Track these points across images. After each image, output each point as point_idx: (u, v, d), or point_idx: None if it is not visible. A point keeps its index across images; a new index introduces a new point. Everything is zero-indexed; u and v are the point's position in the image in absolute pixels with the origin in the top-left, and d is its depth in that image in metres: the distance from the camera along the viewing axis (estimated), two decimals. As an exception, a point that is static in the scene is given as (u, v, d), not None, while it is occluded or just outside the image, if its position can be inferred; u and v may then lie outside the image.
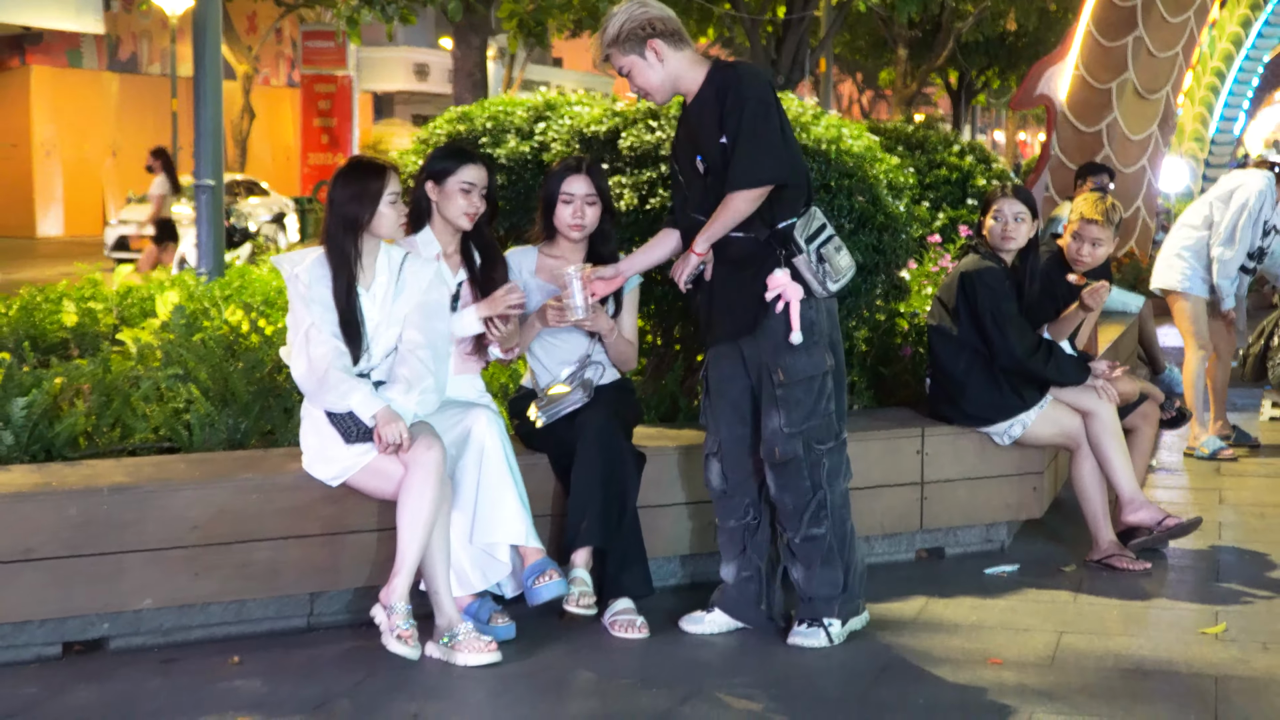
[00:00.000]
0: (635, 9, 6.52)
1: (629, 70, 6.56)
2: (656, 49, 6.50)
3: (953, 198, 13.16)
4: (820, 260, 6.49)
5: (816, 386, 6.54)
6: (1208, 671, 6.32)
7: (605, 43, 6.56)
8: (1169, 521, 8.06)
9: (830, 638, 6.60)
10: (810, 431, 6.54)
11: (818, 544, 6.61)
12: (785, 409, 6.52)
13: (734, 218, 6.40)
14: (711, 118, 6.44)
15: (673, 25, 6.54)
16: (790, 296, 6.44)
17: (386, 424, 6.27)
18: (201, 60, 12.25)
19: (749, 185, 6.35)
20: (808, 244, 6.48)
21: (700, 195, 6.57)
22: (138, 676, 6.09)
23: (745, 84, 6.42)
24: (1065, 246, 8.57)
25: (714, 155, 6.45)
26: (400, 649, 6.19)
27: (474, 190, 6.86)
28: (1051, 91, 18.34)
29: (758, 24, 26.77)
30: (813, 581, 6.64)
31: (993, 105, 68.51)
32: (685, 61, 6.54)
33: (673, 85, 6.57)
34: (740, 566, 6.79)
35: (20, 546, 6.03)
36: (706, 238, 6.45)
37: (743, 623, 6.80)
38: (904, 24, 38.58)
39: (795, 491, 6.58)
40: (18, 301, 9.61)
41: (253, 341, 7.87)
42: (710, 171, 6.49)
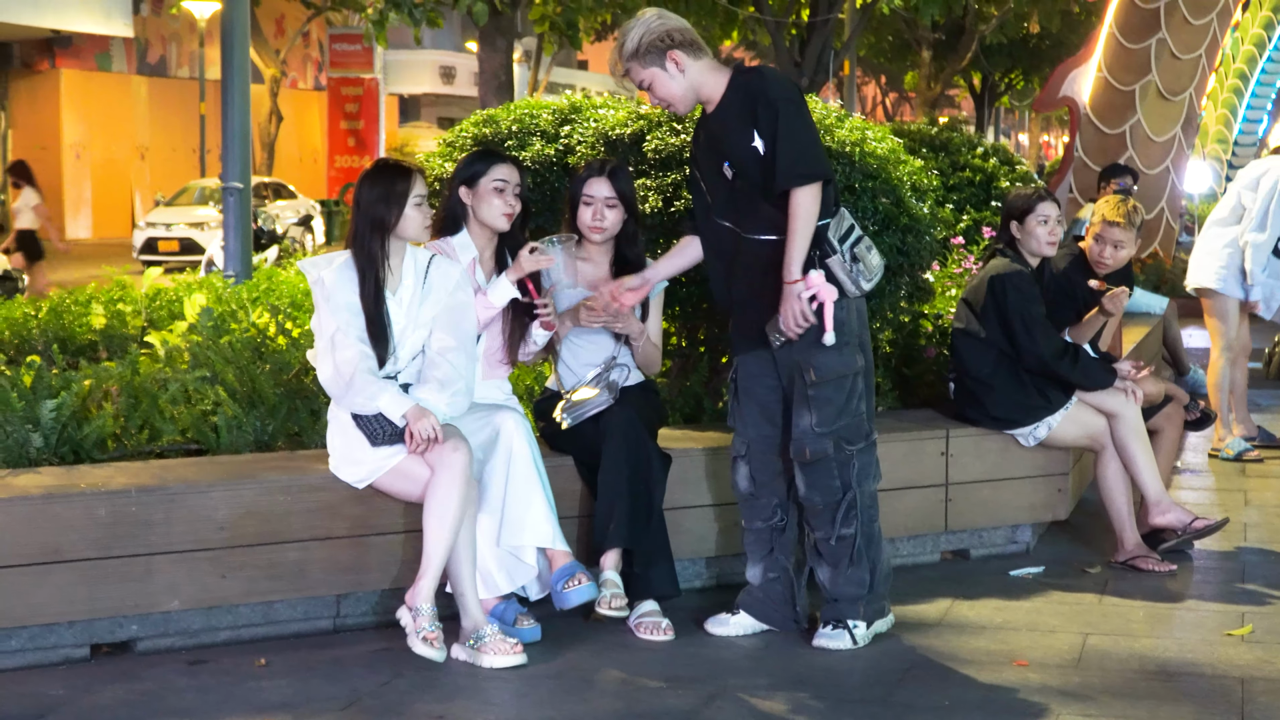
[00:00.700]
0: (653, 21, 6.54)
1: (650, 83, 6.57)
2: (677, 60, 6.51)
3: (976, 200, 13.15)
4: (854, 260, 6.50)
5: (847, 386, 6.55)
6: (1233, 673, 6.32)
7: (625, 57, 6.57)
8: (1197, 523, 8.05)
9: (855, 639, 6.61)
10: (841, 431, 6.55)
11: (846, 544, 6.61)
12: (816, 408, 6.52)
13: (808, 219, 6.37)
14: (740, 123, 6.45)
15: (690, 35, 6.55)
16: (825, 297, 6.43)
17: (418, 420, 6.29)
18: (229, 63, 12.30)
19: (805, 180, 6.34)
20: (840, 244, 6.49)
21: (727, 201, 6.57)
22: (165, 677, 6.12)
23: (774, 86, 6.44)
24: (1087, 249, 8.58)
25: (744, 160, 6.45)
26: (426, 651, 6.21)
27: (508, 188, 6.88)
28: (1075, 93, 18.33)
29: (782, 27, 26.77)
30: (839, 581, 6.64)
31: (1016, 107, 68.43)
32: (705, 70, 6.55)
33: (694, 95, 6.58)
34: (767, 568, 6.80)
35: (49, 548, 6.06)
36: (795, 255, 6.38)
37: (768, 625, 6.80)
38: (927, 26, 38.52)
39: (825, 491, 6.58)
40: (47, 304, 9.67)
41: (280, 344, 7.91)
42: (739, 176, 6.49)
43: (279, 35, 48.04)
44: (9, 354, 8.54)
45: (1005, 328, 7.84)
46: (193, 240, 31.48)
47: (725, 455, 7.28)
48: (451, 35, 56.79)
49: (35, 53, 42.76)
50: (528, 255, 6.75)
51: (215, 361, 7.58)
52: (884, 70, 57.84)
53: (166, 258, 30.30)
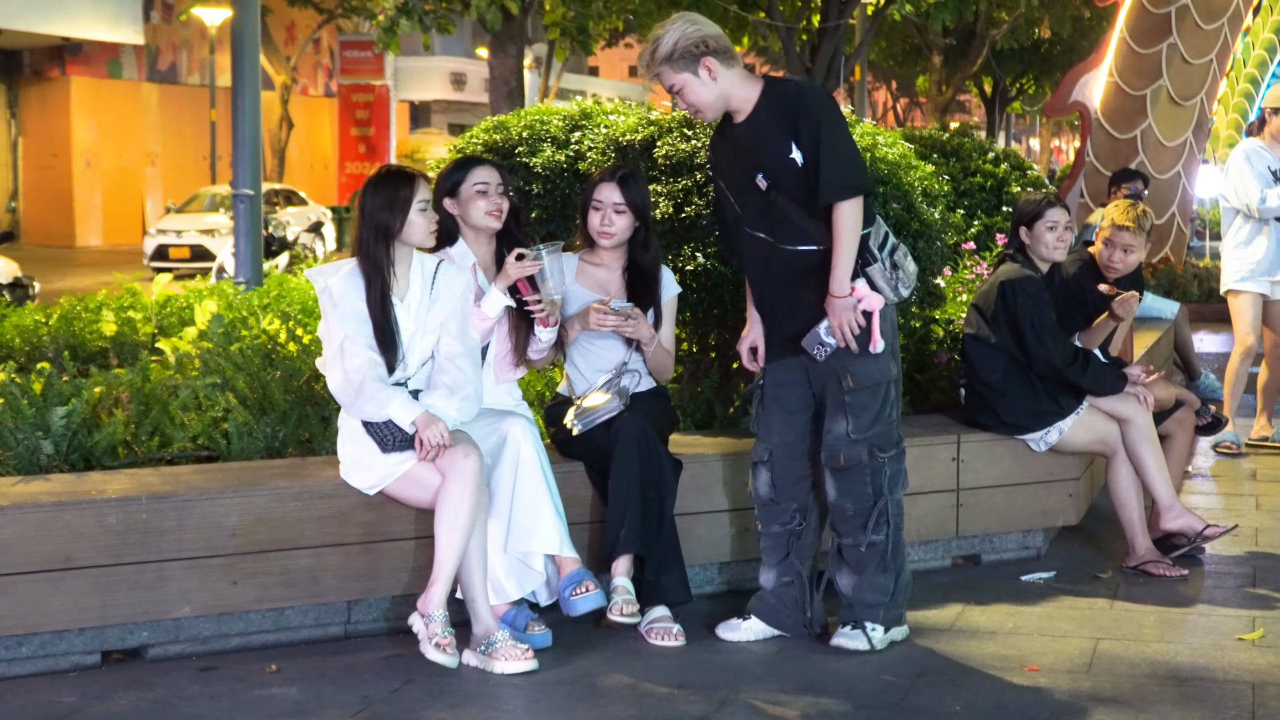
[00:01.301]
0: (688, 27, 6.49)
1: (680, 88, 6.53)
2: (710, 67, 6.47)
3: (987, 205, 13.14)
4: (894, 267, 6.52)
5: (882, 393, 6.57)
6: (1244, 678, 6.31)
7: (658, 60, 6.52)
8: (1209, 531, 8.05)
9: (872, 642, 6.60)
10: (874, 438, 6.55)
11: (875, 550, 6.61)
12: (852, 415, 6.53)
13: (853, 233, 6.38)
14: (777, 135, 6.43)
15: (724, 43, 6.52)
16: (873, 306, 6.45)
17: (427, 427, 6.29)
18: (240, 70, 12.32)
19: (850, 194, 6.34)
20: (880, 251, 6.50)
21: (760, 212, 6.54)
22: (176, 684, 6.12)
23: (813, 100, 6.43)
24: (1097, 253, 8.57)
25: (780, 172, 6.43)
26: (438, 657, 6.21)
27: (490, 188, 6.89)
28: (1086, 98, 18.31)
29: (793, 32, 26.79)
30: (862, 588, 6.64)
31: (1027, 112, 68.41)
32: (736, 79, 6.53)
33: (723, 103, 6.55)
34: (781, 572, 6.79)
35: (61, 555, 6.07)
36: (843, 271, 6.39)
37: (779, 630, 6.80)
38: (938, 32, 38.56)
39: (856, 498, 6.58)
40: (57, 311, 9.69)
41: (290, 350, 7.91)
42: (774, 187, 6.47)
43: (289, 42, 48.14)
44: (20, 361, 8.56)
45: (1015, 333, 7.83)
46: (203, 247, 31.51)
47: (737, 461, 7.29)
48: (462, 41, 56.86)
49: (46, 60, 42.86)
50: (514, 262, 6.76)
51: (226, 368, 7.58)
52: (895, 75, 57.85)
53: (177, 264, 30.36)
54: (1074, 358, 7.87)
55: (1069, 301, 8.32)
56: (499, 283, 6.80)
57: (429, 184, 6.64)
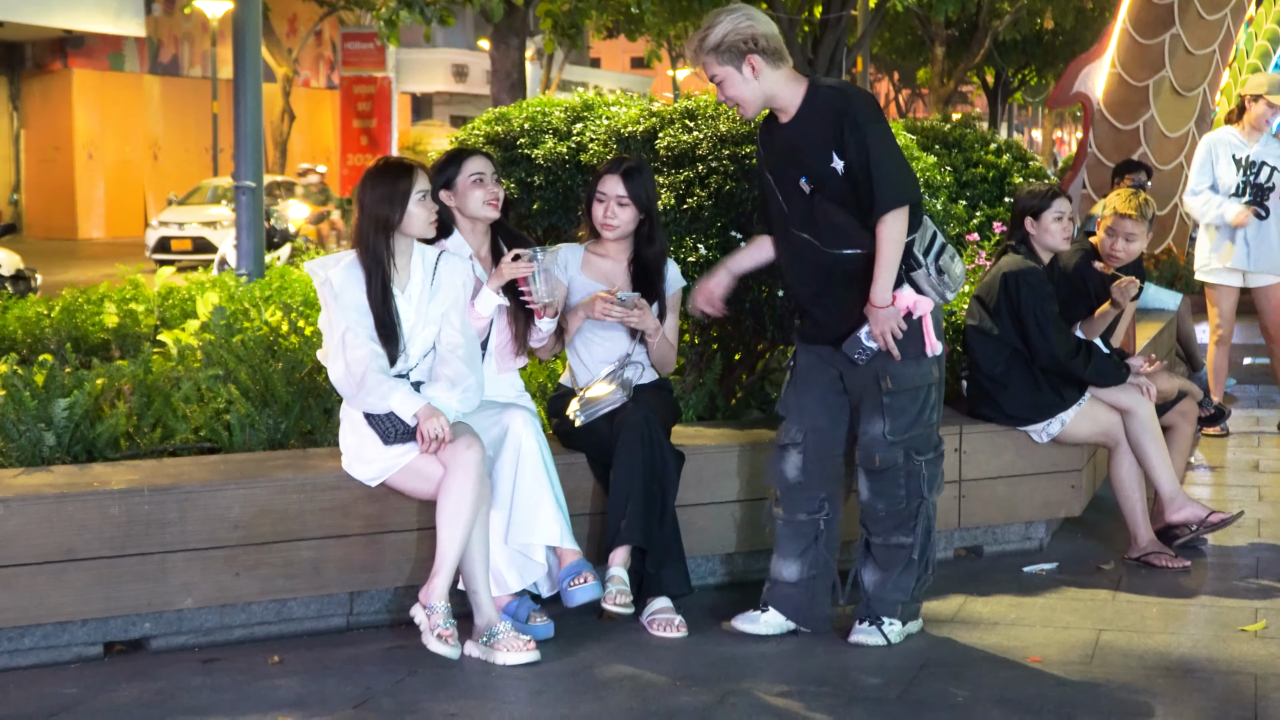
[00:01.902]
0: (741, 21, 6.40)
1: (722, 80, 6.45)
2: (754, 65, 6.39)
3: (989, 196, 13.16)
4: (939, 273, 6.48)
5: (922, 396, 6.54)
6: (1247, 669, 6.31)
7: (705, 49, 6.44)
8: (1212, 518, 8.05)
9: (889, 638, 6.58)
10: (912, 441, 6.53)
11: (903, 551, 6.59)
12: (890, 416, 6.50)
13: (897, 245, 6.34)
14: (819, 140, 6.38)
15: (775, 43, 6.43)
16: (923, 310, 6.43)
17: (428, 420, 6.29)
18: (241, 63, 12.31)
19: (897, 205, 6.31)
20: (925, 256, 6.46)
21: (804, 214, 6.50)
22: (179, 676, 6.12)
23: (860, 108, 6.37)
24: (1099, 242, 8.57)
25: (822, 177, 6.39)
26: (441, 648, 6.21)
27: (485, 178, 6.90)
28: (1088, 89, 18.30)
29: (795, 23, 26.75)
30: (886, 586, 6.62)
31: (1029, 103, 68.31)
32: (781, 80, 6.45)
33: (765, 101, 6.49)
34: (807, 565, 6.70)
35: (63, 547, 6.07)
36: (885, 282, 6.36)
37: (799, 624, 6.73)
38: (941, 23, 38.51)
39: (890, 499, 6.56)
40: (60, 303, 9.70)
41: (292, 342, 7.91)
42: (817, 192, 6.43)
43: (291, 34, 48.12)
44: (22, 353, 8.56)
45: (1018, 325, 7.82)
46: (205, 239, 31.51)
47: (739, 453, 7.28)
48: (464, 33, 56.80)
49: (48, 53, 42.85)
50: (509, 262, 6.76)
51: (228, 360, 7.58)
52: (897, 67, 57.78)
53: (179, 257, 30.34)
54: (1076, 350, 7.86)
55: (1071, 292, 8.31)
56: (492, 281, 6.80)
57: (427, 174, 6.64)
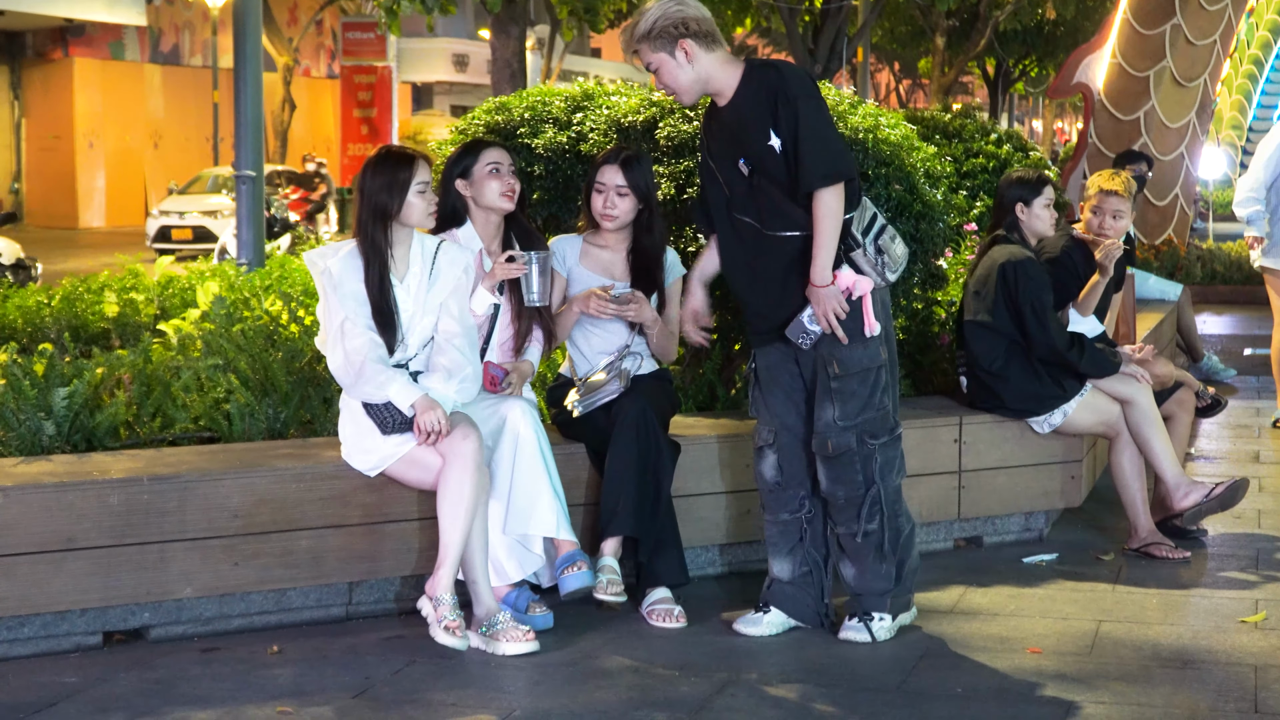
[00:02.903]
0: (671, 6, 6.39)
1: (657, 67, 6.45)
2: (687, 49, 6.37)
3: (990, 186, 13.11)
4: (879, 252, 6.44)
5: (871, 379, 6.49)
6: (1247, 660, 6.31)
7: (636, 37, 6.44)
8: (1218, 490, 8.04)
9: (874, 634, 6.54)
10: (864, 425, 6.48)
11: (870, 540, 6.54)
12: (840, 401, 6.46)
13: (834, 221, 6.30)
14: (755, 120, 6.36)
15: (707, 26, 6.42)
16: (862, 290, 6.38)
17: (425, 412, 6.29)
18: (242, 52, 12.32)
19: (830, 181, 6.26)
20: (864, 236, 6.42)
21: (745, 196, 6.48)
22: (178, 665, 6.12)
23: (791, 83, 6.33)
24: (1085, 224, 8.58)
25: (761, 157, 6.36)
26: (449, 640, 6.20)
27: (503, 168, 6.90)
28: (1089, 80, 18.30)
29: (795, 13, 26.75)
30: (864, 577, 6.58)
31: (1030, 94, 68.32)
32: (717, 63, 6.43)
33: (702, 86, 6.47)
34: (799, 562, 6.68)
35: (63, 536, 6.07)
36: (824, 260, 6.31)
37: (800, 621, 6.70)
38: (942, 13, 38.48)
39: (848, 485, 6.53)
40: (60, 292, 9.70)
41: (292, 331, 7.91)
42: (757, 173, 6.41)
43: (292, 23, 48.08)
44: (22, 342, 8.56)
45: (1015, 316, 7.81)
46: (206, 228, 31.49)
47: (738, 443, 7.28)
48: (464, 23, 56.78)
49: (48, 42, 42.83)
50: (502, 263, 6.77)
51: (228, 349, 7.58)
52: (898, 57, 57.78)
53: (180, 246, 30.36)
54: (1071, 343, 7.86)
55: (1062, 275, 8.30)
56: (486, 280, 6.81)
57: (429, 165, 6.63)
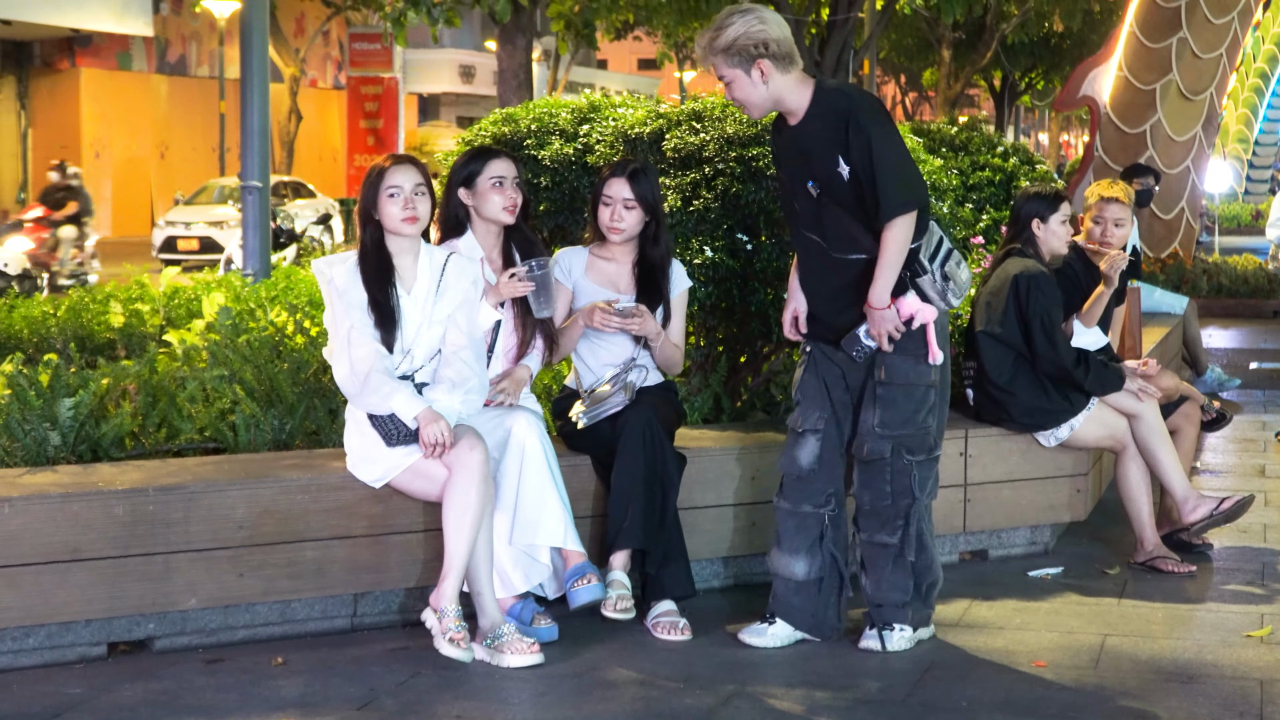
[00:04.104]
0: (754, 24, 6.33)
1: (730, 81, 6.41)
2: (764, 69, 6.34)
3: (996, 199, 13.14)
4: (945, 279, 6.42)
5: (917, 396, 6.49)
6: (1253, 675, 6.30)
7: (715, 49, 6.38)
8: (1226, 504, 8.03)
9: (884, 643, 6.53)
10: (902, 439, 6.48)
11: (886, 551, 6.54)
12: (881, 408, 6.47)
13: (900, 249, 6.30)
14: (825, 144, 6.33)
15: (786, 47, 6.37)
16: (926, 318, 6.39)
17: (429, 424, 6.29)
18: (249, 62, 12.34)
19: (903, 211, 6.26)
20: (931, 263, 6.41)
21: (812, 215, 6.47)
22: (183, 676, 6.12)
23: (862, 109, 6.32)
24: (1086, 234, 8.58)
25: (829, 181, 6.35)
26: (453, 652, 6.20)
27: (506, 182, 6.89)
28: (1095, 92, 18.31)
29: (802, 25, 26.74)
30: (880, 587, 6.58)
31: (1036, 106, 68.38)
32: (791, 83, 6.39)
33: (773, 104, 6.45)
34: (815, 565, 6.64)
35: (68, 546, 6.07)
36: (884, 284, 6.32)
37: (808, 633, 6.67)
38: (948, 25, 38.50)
39: (875, 493, 6.53)
40: (65, 302, 9.71)
41: (298, 342, 7.91)
42: (825, 194, 6.39)
43: (299, 34, 48.13)
44: (27, 352, 8.56)
45: (1024, 329, 7.80)
46: (212, 239, 31.51)
47: (744, 455, 7.28)
48: (471, 34, 56.85)
49: (56, 52, 42.86)
50: (506, 280, 6.78)
51: (233, 360, 7.58)
52: (904, 69, 57.77)
53: (186, 256, 30.35)
54: (1077, 361, 7.85)
55: (1067, 288, 8.30)
56: (490, 296, 6.82)
57: (415, 169, 6.60)
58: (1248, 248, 24.57)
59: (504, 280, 6.80)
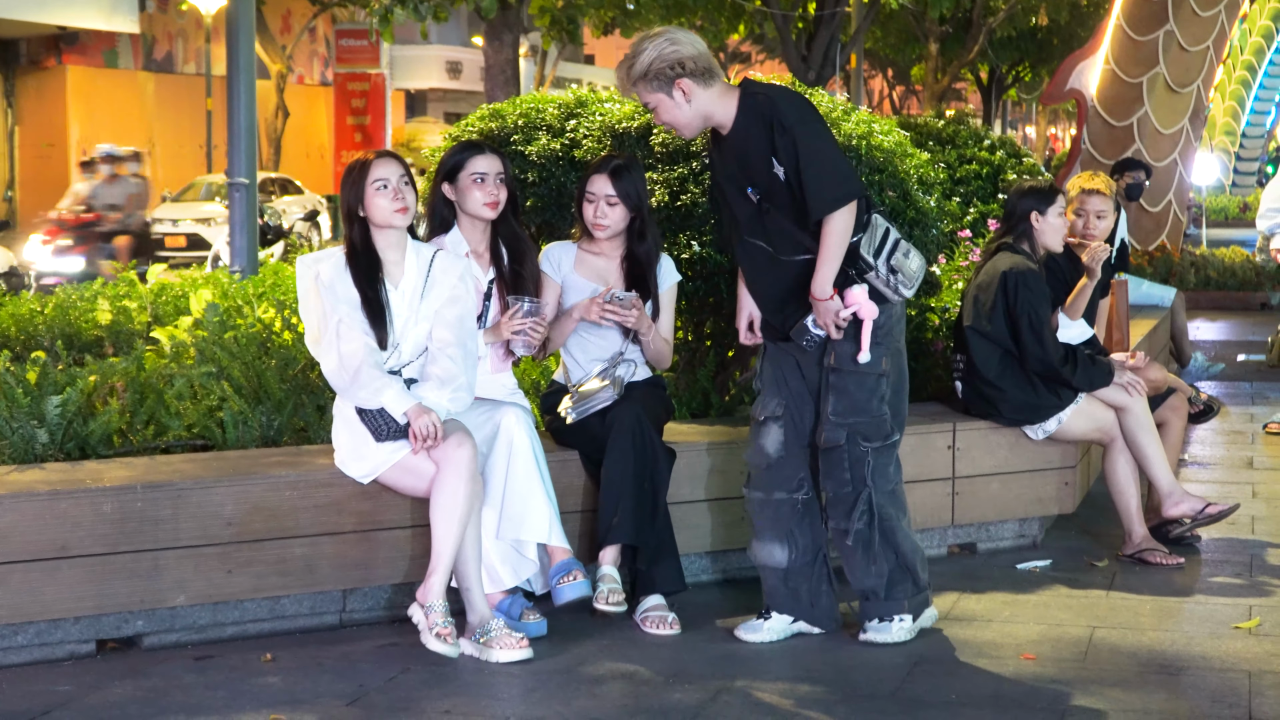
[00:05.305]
0: (665, 46, 6.33)
1: (655, 106, 6.42)
2: (685, 89, 6.33)
3: (983, 193, 13.16)
4: (892, 271, 6.41)
5: (869, 384, 6.48)
6: (1241, 666, 6.31)
7: (633, 78, 6.39)
8: (1210, 509, 8.05)
9: (894, 634, 6.55)
10: (857, 426, 6.48)
11: (858, 539, 6.54)
12: (834, 395, 6.47)
13: (840, 241, 6.29)
14: (757, 148, 6.33)
15: (703, 63, 6.35)
16: (866, 315, 6.37)
17: (419, 417, 6.29)
18: (235, 60, 12.31)
19: (838, 205, 6.25)
20: (875, 258, 6.39)
21: (755, 221, 6.47)
22: (172, 673, 6.12)
23: (787, 110, 6.30)
24: (1070, 225, 8.58)
25: (768, 186, 6.35)
26: (440, 647, 6.20)
27: (487, 178, 6.88)
28: (1082, 86, 18.33)
29: (789, 20, 26.78)
30: (857, 574, 6.59)
31: (1024, 100, 68.44)
32: (715, 97, 6.38)
33: (703, 121, 6.44)
34: (797, 550, 6.65)
35: (56, 544, 6.06)
36: (825, 275, 6.31)
37: (807, 622, 6.68)
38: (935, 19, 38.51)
39: (836, 481, 6.54)
40: (53, 300, 9.69)
41: (285, 339, 7.91)
42: (765, 199, 6.40)
43: (285, 31, 48.05)
44: (15, 350, 8.55)
45: (1011, 325, 7.80)
46: (199, 236, 31.44)
47: (732, 449, 7.28)
48: (458, 30, 56.78)
49: (42, 49, 42.79)
50: (506, 322, 6.84)
51: (221, 357, 7.57)
52: (891, 63, 57.75)
53: (173, 253, 30.30)
54: (1065, 358, 7.85)
55: (1051, 281, 8.30)
56: (488, 335, 6.91)
57: (397, 162, 6.60)
58: (1235, 240, 24.61)
59: (505, 321, 6.83)
